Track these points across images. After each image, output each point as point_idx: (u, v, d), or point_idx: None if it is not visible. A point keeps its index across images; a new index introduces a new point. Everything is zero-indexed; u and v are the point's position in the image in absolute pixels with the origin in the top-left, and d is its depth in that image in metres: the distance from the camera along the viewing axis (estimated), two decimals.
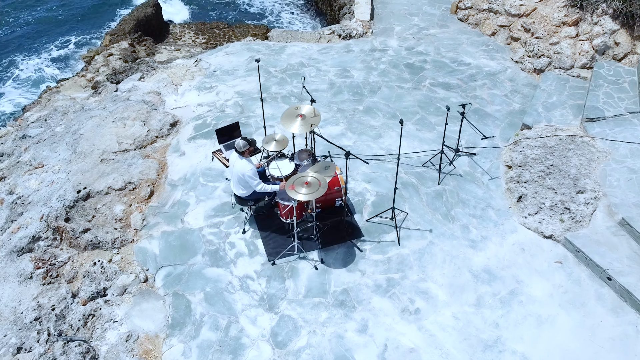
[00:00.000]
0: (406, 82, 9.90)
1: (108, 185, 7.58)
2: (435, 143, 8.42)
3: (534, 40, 10.16)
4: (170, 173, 8.00)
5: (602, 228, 6.74)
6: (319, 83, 9.93)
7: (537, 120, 8.53)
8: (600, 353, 5.62)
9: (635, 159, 7.45)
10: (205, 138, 8.64)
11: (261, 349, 5.73)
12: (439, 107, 9.23)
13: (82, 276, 6.46)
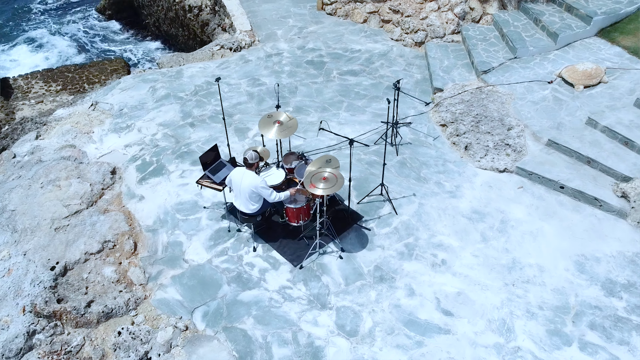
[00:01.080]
0: (316, 77, 10.49)
1: (84, 252, 6.80)
2: (373, 122, 9.20)
3: (407, 19, 11.56)
4: (140, 220, 7.46)
5: (537, 152, 8.24)
6: (238, 96, 10.00)
7: (444, 82, 9.85)
8: (584, 242, 7.00)
9: (531, 94, 9.15)
10: (155, 176, 8.19)
11: (337, 344, 5.90)
12: (358, 92, 10.04)
13: (113, 350, 5.82)
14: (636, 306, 6.19)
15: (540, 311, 6.18)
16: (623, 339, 5.86)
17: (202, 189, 7.41)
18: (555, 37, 9.99)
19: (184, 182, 8.04)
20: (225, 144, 8.06)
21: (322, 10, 12.98)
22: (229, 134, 8.86)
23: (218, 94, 9.57)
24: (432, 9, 11.45)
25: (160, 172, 8.25)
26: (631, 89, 8.84)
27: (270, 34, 12.07)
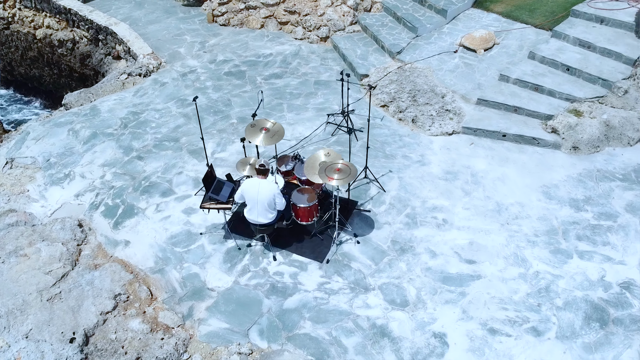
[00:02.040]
0: (243, 87, 10.50)
1: (98, 313, 6.15)
2: (320, 117, 9.57)
3: (306, 17, 12.06)
4: (139, 264, 6.93)
5: (472, 111, 9.38)
6: (173, 120, 9.61)
7: (367, 68, 10.59)
8: (540, 175, 8.23)
9: (445, 64, 10.31)
10: (129, 217, 7.62)
11: (397, 317, 6.24)
12: (291, 92, 10.30)
13: None
14: (600, 213, 7.53)
15: (537, 238, 7.19)
16: (604, 241, 7.12)
17: (209, 212, 7.11)
18: (444, 13, 11.33)
19: (165, 216, 7.60)
20: (188, 169, 7.84)
21: (214, 23, 12.87)
22: (183, 157, 8.55)
23: (149, 122, 9.15)
24: (327, 5, 12.10)
25: (132, 212, 7.66)
26: (519, 45, 10.45)
27: (173, 53, 11.67)
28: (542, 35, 10.54)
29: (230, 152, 8.70)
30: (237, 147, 8.78)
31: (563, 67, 9.69)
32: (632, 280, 6.58)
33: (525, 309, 6.28)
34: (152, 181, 8.21)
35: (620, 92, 9.12)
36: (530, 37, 10.61)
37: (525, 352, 5.84)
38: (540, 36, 10.54)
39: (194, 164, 8.53)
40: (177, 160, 8.59)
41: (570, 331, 6.04)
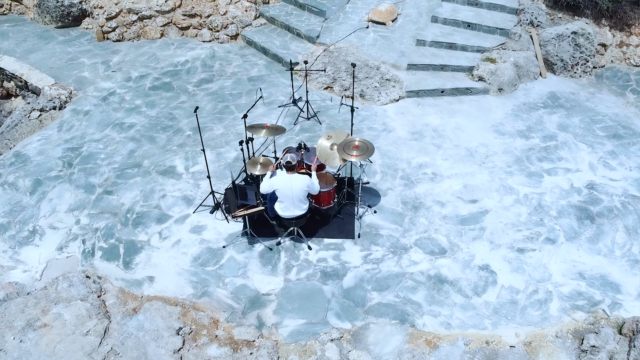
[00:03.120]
0: (178, 98, 10.07)
1: (171, 352, 5.75)
2: (273, 110, 9.67)
3: (210, 18, 11.82)
4: (178, 295, 6.53)
5: (407, 76, 10.27)
6: (122, 147, 8.90)
7: (294, 57, 10.85)
8: (485, 118, 9.44)
9: (363, 40, 11.04)
10: (136, 254, 7.06)
11: (444, 264, 6.85)
12: (230, 93, 10.16)
13: None
14: (543, 137, 8.97)
15: (511, 168, 8.35)
16: (558, 157, 8.55)
17: (229, 222, 6.92)
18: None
19: (175, 241, 7.18)
20: (171, 190, 7.53)
21: (106, 40, 11.93)
22: (157, 180, 8.13)
23: (96, 155, 8.44)
24: (227, 3, 12.00)
25: (136, 248, 7.09)
26: (418, 12, 11.63)
27: (79, 79, 10.62)
28: (433, 1, 11.81)
29: (204, 164, 8.37)
30: (209, 156, 8.49)
31: (464, 25, 11.05)
32: (592, 181, 8.05)
33: (534, 226, 7.35)
34: (138, 212, 7.60)
35: (516, 37, 10.75)
36: (423, 3, 11.83)
37: (552, 258, 6.89)
38: (431, 2, 11.81)
39: (172, 183, 8.07)
40: (152, 184, 8.04)
41: (573, 232, 7.26)
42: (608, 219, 7.42)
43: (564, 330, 6.00)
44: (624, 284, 6.56)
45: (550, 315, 6.20)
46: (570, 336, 5.94)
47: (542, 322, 6.13)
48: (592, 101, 9.88)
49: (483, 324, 6.11)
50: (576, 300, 6.36)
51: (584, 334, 5.91)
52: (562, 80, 10.55)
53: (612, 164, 8.39)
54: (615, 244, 7.07)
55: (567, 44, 10.55)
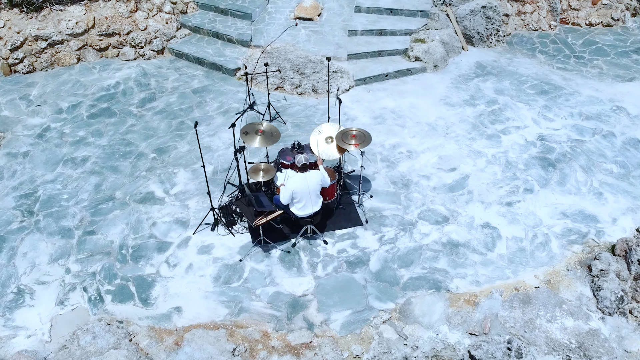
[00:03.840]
0: (126, 122, 9.49)
1: None
2: (230, 116, 9.51)
3: (132, 35, 11.20)
4: (215, 318, 6.29)
5: (350, 66, 10.63)
6: (83, 183, 8.22)
7: (235, 63, 10.73)
8: (431, 93, 10.12)
9: (296, 37, 11.19)
10: (149, 288, 6.65)
11: (451, 230, 7.34)
12: (180, 109, 9.78)
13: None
14: (487, 102, 9.88)
15: (471, 134, 9.10)
16: (506, 118, 9.49)
17: (234, 236, 6.83)
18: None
19: (186, 266, 6.86)
20: (159, 216, 7.24)
21: (14, 73, 10.79)
22: (140, 209, 7.74)
23: (58, 197, 7.81)
24: (145, 17, 11.45)
25: (147, 283, 6.67)
26: (339, 5, 12.07)
27: (11, 119, 9.53)
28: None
29: (184, 183, 8.05)
30: (185, 175, 8.18)
31: (387, 11, 11.69)
32: (540, 133, 9.08)
33: (510, 180, 8.14)
34: (133, 245, 7.12)
35: (435, 17, 11.62)
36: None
37: (536, 205, 7.70)
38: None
39: (158, 209, 7.65)
40: (136, 214, 7.56)
41: (543, 180, 8.16)
42: (565, 163, 8.43)
43: (571, 264, 6.79)
44: (598, 214, 7.55)
45: (555, 254, 6.96)
46: (578, 267, 6.74)
47: (550, 260, 6.87)
48: (512, 65, 11.04)
49: (505, 275, 6.69)
50: (569, 236, 7.21)
51: (588, 262, 6.74)
52: (482, 50, 11.62)
53: (549, 116, 9.50)
54: (579, 182, 8.09)
55: (480, 18, 11.64)
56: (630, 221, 7.43)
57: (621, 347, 5.88)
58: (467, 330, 6.02)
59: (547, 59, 11.33)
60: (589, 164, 8.42)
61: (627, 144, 8.85)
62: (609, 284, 6.29)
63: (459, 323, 6.10)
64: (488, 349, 5.63)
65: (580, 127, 9.23)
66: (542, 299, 6.30)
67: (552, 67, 11.02)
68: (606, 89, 10.30)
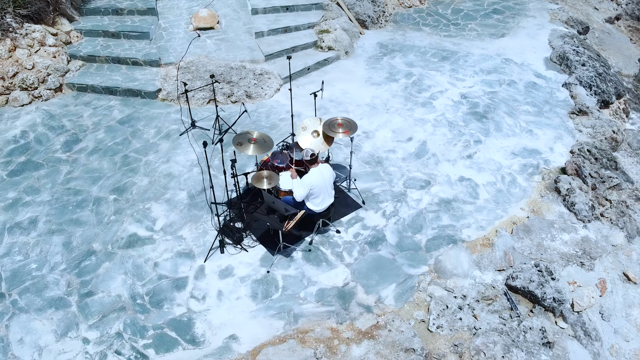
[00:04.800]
0: (59, 171, 8.46)
1: None
2: (175, 138, 9.09)
3: (20, 77, 9.88)
4: (274, 332, 6.15)
5: (270, 65, 10.73)
6: (42, 249, 7.28)
7: (151, 84, 10.15)
8: (356, 77, 10.74)
9: (204, 48, 10.91)
10: (190, 328, 6.24)
11: (437, 190, 8.05)
12: (115, 142, 9.02)
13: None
14: (405, 74, 10.80)
15: (407, 105, 9.92)
16: (427, 85, 10.50)
17: (247, 252, 6.73)
18: (153, 11, 11.56)
19: (214, 294, 6.54)
20: (155, 257, 6.81)
21: None
22: (131, 255, 7.22)
23: (25, 270, 6.94)
24: (28, 54, 10.20)
25: (184, 323, 6.22)
26: (233, 9, 12.07)
27: None
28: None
29: (164, 216, 7.54)
30: (161, 208, 7.66)
31: (283, 9, 11.99)
32: (461, 92, 10.26)
33: (459, 136, 9.11)
34: (147, 292, 6.54)
35: (329, 8, 12.24)
36: (230, 1, 12.24)
37: (489, 152, 8.76)
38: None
39: (152, 249, 7.09)
40: (130, 260, 6.92)
41: (484, 130, 9.28)
42: (493, 112, 9.69)
43: (541, 191, 7.95)
44: (538, 147, 8.88)
45: (524, 187, 8.07)
46: (548, 192, 7.92)
47: (524, 193, 7.95)
48: (408, 40, 12.16)
49: (499, 215, 7.58)
50: (527, 170, 8.38)
51: (552, 186, 7.95)
52: (376, 32, 12.56)
53: (459, 77, 10.75)
54: (510, 125, 9.38)
55: (367, 2, 12.55)
56: (562, 146, 8.88)
57: (609, 243, 7.12)
58: (496, 268, 6.75)
59: (432, 30, 12.66)
60: (510, 109, 9.77)
61: (528, 87, 10.44)
62: (579, 198, 7.53)
63: (487, 264, 6.80)
64: (524, 277, 6.41)
65: (487, 81, 10.61)
66: (537, 225, 7.30)
67: (439, 36, 12.37)
68: (489, 46, 11.92)
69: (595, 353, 6.00)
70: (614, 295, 6.55)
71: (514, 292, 6.47)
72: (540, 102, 10.01)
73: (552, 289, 6.24)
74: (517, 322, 6.06)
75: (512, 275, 6.51)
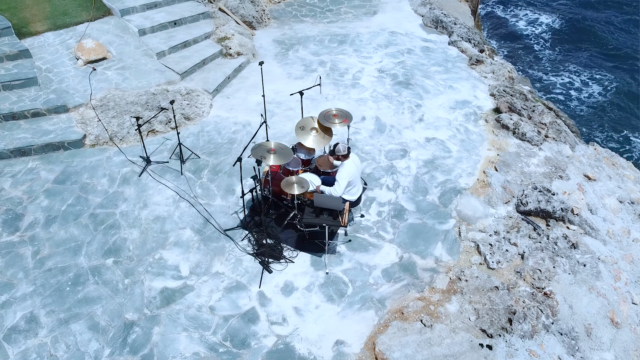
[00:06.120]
0: (23, 252, 7.12)
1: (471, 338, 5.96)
2: (147, 182, 8.28)
3: None
4: (372, 321, 6.27)
5: (190, 83, 10.23)
6: (78, 343, 6.20)
7: (73, 133, 8.94)
8: (276, 79, 10.85)
9: (111, 80, 9.93)
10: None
11: (421, 144, 8.80)
12: (70, 204, 7.84)
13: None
14: (320, 63, 11.22)
15: (340, 90, 10.38)
16: (344, 68, 11.10)
17: (287, 264, 6.62)
18: (27, 53, 10.05)
19: (292, 313, 6.31)
20: (197, 306, 6.41)
21: None
22: (174, 309, 6.69)
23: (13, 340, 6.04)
24: None
25: (284, 348, 5.97)
26: (116, 35, 11.08)
27: None
28: (115, 20, 11.34)
29: (184, 259, 6.88)
30: (175, 253, 6.97)
31: (171, 24, 11.42)
32: (377, 68, 11.10)
33: (401, 105, 9.93)
34: (223, 336, 6.03)
35: (216, 15, 11.99)
36: (108, 27, 11.21)
37: (432, 111, 9.78)
38: (117, 21, 11.32)
39: (195, 295, 6.50)
40: (179, 316, 6.27)
41: (416, 95, 10.26)
42: (413, 79, 10.72)
43: (493, 131, 9.20)
44: (466, 97, 10.17)
45: (478, 131, 9.24)
46: (498, 130, 9.20)
47: (481, 137, 9.11)
48: (299, 32, 12.55)
49: (476, 159, 8.57)
50: (471, 118, 9.58)
51: (497, 125, 9.27)
52: (264, 30, 12.68)
53: (365, 55, 11.57)
54: (433, 86, 10.52)
55: (249, 4, 12.57)
56: (480, 92, 10.31)
57: (563, 156, 8.66)
58: (503, 202, 7.75)
59: (313, 20, 13.25)
60: (424, 73, 10.92)
61: (424, 51, 11.74)
62: (525, 128, 8.95)
63: (495, 201, 7.76)
64: (532, 200, 7.51)
65: (390, 53, 11.63)
66: (509, 159, 8.51)
67: (323, 24, 13.02)
68: (370, 24, 12.98)
69: (602, 240, 7.38)
70: (588, 194, 8.05)
71: (528, 215, 7.52)
72: (442, 61, 11.35)
73: (557, 202, 7.43)
74: (545, 237, 7.11)
75: (522, 202, 7.55)
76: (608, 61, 18.24)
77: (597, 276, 6.71)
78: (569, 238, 7.09)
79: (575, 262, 6.82)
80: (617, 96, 16.74)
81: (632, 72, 17.81)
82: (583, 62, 18.19)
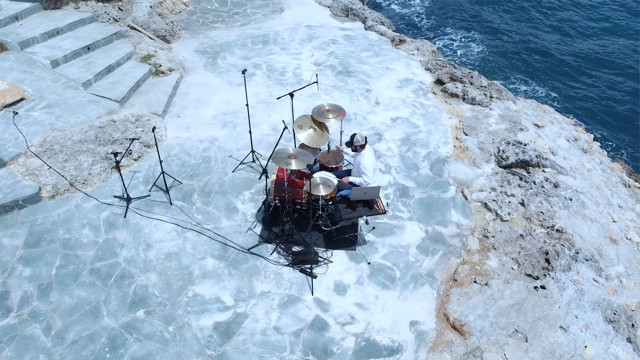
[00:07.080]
0: (38, 340, 6.15)
1: None
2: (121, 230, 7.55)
3: None
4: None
5: (135, 109, 9.45)
6: None
7: (31, 189, 7.81)
8: (218, 90, 10.45)
9: (47, 119, 8.81)
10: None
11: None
12: (59, 266, 6.91)
13: None
14: (255, 66, 11.04)
15: (286, 84, 10.38)
16: (282, 67, 11.05)
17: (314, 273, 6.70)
18: None
19: (355, 310, 6.35)
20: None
21: None
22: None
23: None
24: None
25: (377, 345, 5.99)
26: (23, 71, 9.81)
27: None
28: (13, 58, 10.01)
29: (220, 287, 6.47)
30: (207, 285, 6.52)
31: (84, 50, 10.39)
32: (312, 62, 11.23)
33: (352, 93, 10.23)
34: (303, 352, 5.85)
35: (129, 34, 11.13)
36: (7, 63, 9.88)
37: (382, 93, 10.21)
38: (16, 58, 10.00)
39: (253, 320, 6.19)
40: (246, 352, 5.98)
41: (361, 81, 10.59)
42: (351, 68, 11.05)
43: (445, 101, 9.90)
44: (405, 76, 10.76)
45: (431, 103, 9.88)
46: (449, 99, 9.92)
47: (437, 107, 9.75)
48: (217, 39, 12.15)
49: (442, 128, 9.20)
50: (419, 93, 10.18)
51: (446, 95, 10.00)
52: (180, 42, 12.04)
53: (296, 52, 11.63)
54: (370, 70, 10.97)
55: (158, 18, 11.84)
56: (416, 69, 11.02)
57: (511, 111, 9.66)
58: (485, 161, 8.46)
59: (225, 25, 12.92)
60: (357, 60, 11.32)
61: (347, 39, 12.15)
62: (473, 93, 9.80)
63: (478, 162, 8.43)
64: (508, 153, 8.32)
65: (317, 46, 11.84)
66: (472, 122, 9.27)
67: (236, 27, 12.78)
68: (284, 21, 13.04)
69: (572, 176, 8.45)
70: (545, 139, 9.11)
71: (510, 167, 8.32)
72: (368, 46, 11.85)
73: (531, 150, 8.33)
74: (532, 183, 7.96)
75: (502, 157, 8.33)
76: (474, 22, 20.65)
77: (583, 206, 7.68)
78: (550, 179, 8.00)
79: (563, 198, 7.73)
80: (490, 49, 19.06)
81: (494, 29, 20.24)
82: (457, 25, 20.30)
